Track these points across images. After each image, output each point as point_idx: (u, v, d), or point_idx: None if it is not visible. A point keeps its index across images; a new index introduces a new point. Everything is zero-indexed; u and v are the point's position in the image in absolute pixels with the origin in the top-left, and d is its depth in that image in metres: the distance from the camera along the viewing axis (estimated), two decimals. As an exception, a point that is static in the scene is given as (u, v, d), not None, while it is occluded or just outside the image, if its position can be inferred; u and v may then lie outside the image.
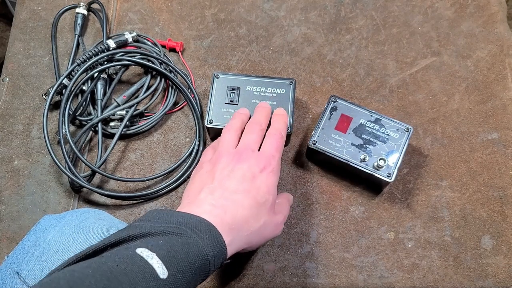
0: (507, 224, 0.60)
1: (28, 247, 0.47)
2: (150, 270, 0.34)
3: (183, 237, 0.39)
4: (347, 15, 0.73)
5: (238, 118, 0.55)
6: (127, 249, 0.36)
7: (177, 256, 0.37)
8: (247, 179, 0.47)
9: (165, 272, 0.35)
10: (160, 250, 0.36)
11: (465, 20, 0.72)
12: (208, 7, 0.74)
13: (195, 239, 0.39)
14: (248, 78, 0.62)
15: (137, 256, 0.35)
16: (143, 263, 0.35)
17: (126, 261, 0.34)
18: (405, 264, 0.58)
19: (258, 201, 0.46)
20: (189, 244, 0.38)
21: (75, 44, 0.70)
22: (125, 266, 0.34)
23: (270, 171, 0.48)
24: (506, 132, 0.64)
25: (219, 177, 0.47)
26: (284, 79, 0.62)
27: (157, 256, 0.35)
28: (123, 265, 0.34)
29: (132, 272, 0.34)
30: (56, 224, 0.49)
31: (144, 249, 0.36)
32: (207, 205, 0.44)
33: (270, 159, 0.49)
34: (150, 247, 0.36)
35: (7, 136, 0.66)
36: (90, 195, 0.63)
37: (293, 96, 0.61)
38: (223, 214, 0.43)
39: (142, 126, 0.65)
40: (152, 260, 0.35)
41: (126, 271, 0.33)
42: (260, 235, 0.47)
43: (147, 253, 0.35)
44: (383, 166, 0.57)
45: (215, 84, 0.62)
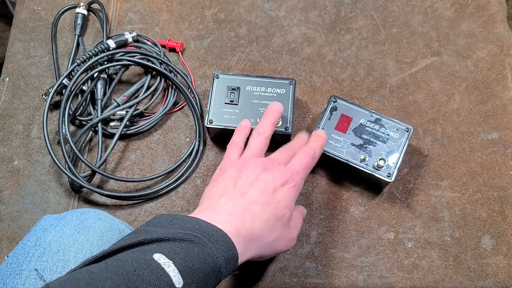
0: (507, 224, 0.60)
1: (29, 247, 0.47)
2: (166, 279, 0.35)
3: (199, 246, 0.39)
4: (347, 15, 0.73)
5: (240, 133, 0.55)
6: (143, 253, 0.36)
7: (193, 266, 0.37)
8: (269, 191, 0.46)
9: (180, 281, 0.35)
10: (177, 258, 0.36)
11: (465, 20, 0.72)
12: (208, 7, 0.74)
13: (211, 249, 0.39)
14: (248, 78, 0.62)
15: (154, 263, 0.35)
16: (160, 271, 0.35)
17: (143, 266, 0.35)
18: (405, 264, 0.58)
19: (276, 215, 0.46)
20: (205, 254, 0.38)
21: (75, 44, 0.70)
22: (142, 272, 0.34)
23: (292, 186, 0.48)
24: (506, 132, 0.64)
25: (242, 185, 0.47)
26: (284, 79, 0.62)
27: (174, 264, 0.36)
28: (140, 270, 0.34)
29: (149, 279, 0.34)
30: (57, 224, 0.49)
31: (161, 255, 0.36)
32: (227, 213, 0.44)
33: (295, 175, 0.49)
34: (167, 253, 0.36)
35: (7, 136, 0.66)
36: (90, 195, 0.63)
37: (293, 96, 0.61)
38: (240, 225, 0.43)
39: (142, 126, 0.65)
40: (169, 268, 0.35)
41: (143, 277, 0.34)
42: (272, 248, 0.47)
43: (164, 260, 0.36)
44: (383, 166, 0.57)
45: (215, 84, 0.62)
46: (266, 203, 0.46)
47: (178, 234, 0.39)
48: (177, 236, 0.39)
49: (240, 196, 0.46)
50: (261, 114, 0.60)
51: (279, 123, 0.59)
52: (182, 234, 0.39)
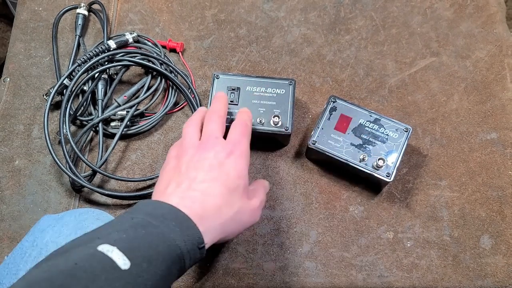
0: (506, 224, 0.60)
1: (26, 247, 0.47)
2: (110, 262, 0.34)
3: (147, 227, 0.38)
4: (347, 15, 0.73)
5: (198, 113, 0.53)
6: (89, 248, 0.36)
7: (139, 246, 0.36)
8: (214, 167, 0.45)
9: (126, 262, 0.34)
10: (122, 243, 0.36)
11: (464, 21, 0.72)
12: (208, 7, 0.75)
13: (160, 227, 0.38)
14: (248, 78, 0.63)
15: (98, 253, 0.35)
16: (103, 257, 0.34)
17: (86, 258, 0.34)
18: (404, 264, 0.58)
19: (229, 187, 0.45)
20: (152, 234, 0.38)
21: (75, 45, 0.70)
22: (83, 263, 0.33)
23: (238, 155, 0.46)
24: (505, 132, 0.64)
25: (185, 170, 0.45)
26: (284, 79, 0.62)
27: (118, 249, 0.35)
28: (82, 262, 0.34)
29: (91, 267, 0.33)
30: (55, 225, 0.49)
31: (105, 245, 0.35)
32: (175, 197, 0.43)
33: (236, 144, 0.47)
34: (112, 242, 0.36)
35: (8, 136, 0.67)
36: (90, 195, 0.63)
37: (292, 96, 0.61)
38: (192, 204, 0.42)
39: (143, 126, 0.66)
40: (112, 253, 0.34)
41: (85, 268, 0.33)
42: (236, 222, 0.46)
43: (107, 247, 0.35)
44: (382, 166, 0.57)
45: (215, 85, 0.62)
46: (214, 178, 0.44)
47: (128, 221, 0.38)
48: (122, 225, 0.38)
49: (186, 180, 0.45)
50: (261, 114, 0.60)
51: (279, 123, 0.59)
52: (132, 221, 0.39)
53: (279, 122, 0.60)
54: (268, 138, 0.62)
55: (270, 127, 0.60)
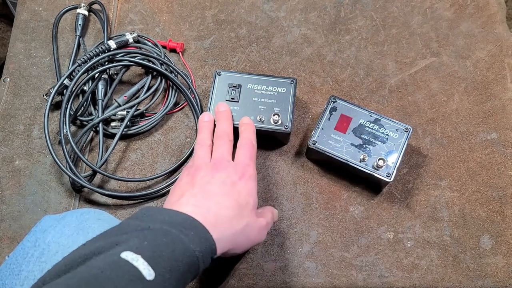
0: (506, 224, 0.60)
1: (28, 248, 0.47)
2: (136, 273, 0.34)
3: (167, 236, 0.38)
4: (347, 15, 0.73)
5: (206, 129, 0.56)
6: (112, 255, 0.36)
7: (162, 256, 0.37)
8: (227, 184, 0.48)
9: (151, 273, 0.35)
10: (145, 252, 0.36)
11: (465, 21, 0.72)
12: (208, 7, 0.75)
13: (180, 237, 0.39)
14: (249, 76, 0.63)
15: (122, 261, 0.35)
16: (129, 267, 0.34)
17: (111, 266, 0.34)
18: (404, 264, 0.58)
19: (240, 203, 0.47)
20: (175, 243, 0.38)
21: (76, 45, 0.70)
22: (110, 272, 0.34)
23: (248, 177, 0.50)
24: (505, 132, 0.64)
25: (200, 184, 0.48)
26: (285, 78, 0.63)
27: (142, 257, 0.35)
28: (108, 271, 0.34)
29: (117, 276, 0.33)
30: (56, 225, 0.49)
31: (129, 252, 0.35)
32: (190, 206, 0.45)
33: (246, 168, 0.51)
34: (135, 249, 0.36)
35: (8, 136, 0.67)
36: (91, 195, 0.63)
37: (293, 95, 0.61)
38: (207, 213, 0.44)
39: (143, 126, 0.65)
40: (137, 263, 0.35)
41: (111, 277, 0.33)
42: (244, 236, 0.48)
43: (132, 256, 0.35)
44: (383, 166, 0.57)
45: (216, 81, 0.63)
46: (226, 193, 0.47)
47: (146, 228, 0.39)
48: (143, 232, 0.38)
49: (200, 192, 0.47)
50: (261, 112, 0.61)
51: (279, 121, 0.60)
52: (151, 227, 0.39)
53: (279, 121, 0.60)
54: (268, 136, 0.62)
55: (270, 125, 0.60)
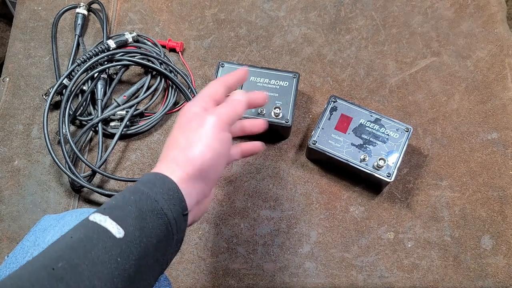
0: (507, 224, 0.60)
1: (28, 247, 0.47)
2: (104, 232, 0.34)
3: (135, 194, 0.38)
4: (347, 15, 0.73)
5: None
6: (81, 221, 0.36)
7: (130, 214, 0.36)
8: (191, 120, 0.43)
9: (120, 231, 0.34)
10: (113, 212, 0.36)
11: (465, 20, 0.72)
12: (208, 7, 0.74)
13: (148, 194, 0.38)
14: (252, 69, 0.63)
15: (90, 223, 0.35)
16: (97, 227, 0.34)
17: (80, 230, 0.34)
18: (405, 264, 0.58)
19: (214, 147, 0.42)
20: (142, 200, 0.38)
21: (75, 44, 0.70)
22: (79, 235, 0.34)
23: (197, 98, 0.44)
24: (506, 132, 0.64)
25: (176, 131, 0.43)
26: (288, 72, 0.63)
27: (110, 218, 0.35)
28: (77, 234, 0.34)
29: (86, 237, 0.33)
30: (56, 224, 0.49)
31: (96, 214, 0.35)
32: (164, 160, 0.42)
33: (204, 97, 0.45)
34: (102, 211, 0.36)
35: (7, 136, 0.66)
36: (90, 195, 0.63)
37: (295, 89, 0.62)
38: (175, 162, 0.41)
39: (142, 126, 0.65)
40: (105, 223, 0.35)
41: (80, 238, 0.33)
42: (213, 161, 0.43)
43: (100, 217, 0.35)
44: (383, 166, 0.57)
45: (219, 73, 0.63)
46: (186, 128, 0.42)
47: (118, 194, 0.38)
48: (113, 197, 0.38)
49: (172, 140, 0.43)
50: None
51: (279, 114, 0.60)
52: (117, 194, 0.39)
53: (280, 114, 0.60)
54: (268, 129, 0.62)
55: (270, 118, 0.60)
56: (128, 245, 0.34)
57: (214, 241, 0.60)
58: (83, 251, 0.32)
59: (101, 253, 0.33)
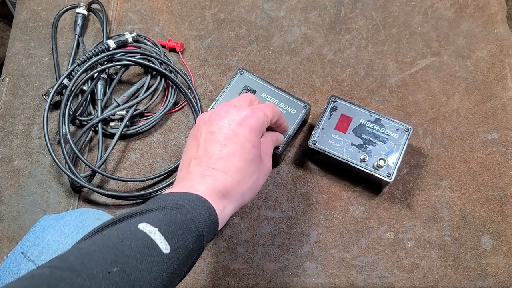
0: (507, 224, 0.60)
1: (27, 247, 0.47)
2: (153, 246, 0.35)
3: (181, 212, 0.38)
4: (347, 15, 0.73)
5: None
6: (128, 225, 0.36)
7: (177, 231, 0.37)
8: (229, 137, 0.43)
9: (167, 247, 0.35)
10: (162, 225, 0.36)
11: (465, 20, 0.72)
12: (208, 7, 0.74)
13: (193, 214, 0.39)
14: (267, 85, 0.61)
15: (140, 232, 0.35)
16: (147, 239, 0.35)
17: (130, 236, 0.35)
18: (405, 264, 0.58)
19: (246, 159, 0.43)
20: (188, 220, 0.38)
21: (75, 44, 0.70)
22: (130, 242, 0.34)
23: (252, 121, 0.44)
24: (506, 132, 0.64)
25: (203, 142, 0.44)
26: (301, 101, 0.61)
27: (159, 231, 0.36)
28: (127, 240, 0.34)
29: (137, 247, 0.34)
30: (55, 224, 0.49)
31: (146, 224, 0.36)
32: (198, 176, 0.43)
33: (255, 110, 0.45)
34: (151, 222, 0.36)
35: (7, 136, 0.66)
36: (90, 195, 0.63)
37: (300, 119, 0.60)
38: (214, 182, 0.42)
39: (142, 126, 0.65)
40: (155, 236, 0.35)
41: (131, 246, 0.34)
42: (253, 189, 0.45)
43: (149, 228, 0.35)
44: (383, 166, 0.57)
45: (235, 79, 0.62)
46: (230, 153, 0.43)
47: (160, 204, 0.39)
48: (159, 206, 0.39)
49: (204, 156, 0.44)
50: None
51: None
52: (164, 204, 0.39)
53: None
54: None
55: None
56: (172, 262, 0.35)
57: (214, 241, 0.60)
58: (135, 261, 0.33)
59: (150, 266, 0.33)
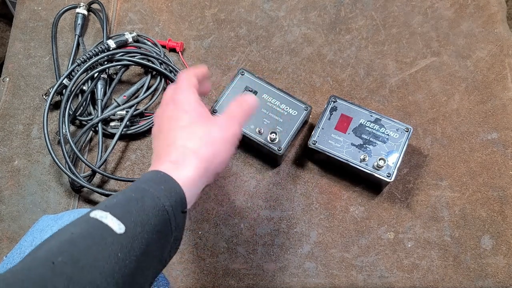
0: (507, 224, 0.60)
1: (25, 247, 0.47)
2: (105, 228, 0.34)
3: (137, 192, 0.38)
4: (347, 15, 0.73)
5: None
6: (82, 217, 0.36)
7: (131, 210, 0.37)
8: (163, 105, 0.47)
9: (121, 227, 0.35)
10: (115, 208, 0.36)
11: (465, 20, 0.72)
12: (208, 7, 0.74)
13: (150, 191, 0.39)
14: (269, 86, 0.62)
15: (91, 220, 0.35)
16: (97, 223, 0.35)
17: (81, 226, 0.35)
18: (405, 264, 0.58)
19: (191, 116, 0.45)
20: (143, 197, 0.38)
21: (75, 44, 0.70)
22: (80, 231, 0.34)
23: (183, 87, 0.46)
24: (506, 132, 0.64)
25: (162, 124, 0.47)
26: (302, 102, 0.61)
27: (111, 214, 0.36)
28: (78, 230, 0.34)
29: (88, 234, 0.34)
30: (53, 225, 0.49)
31: (97, 211, 0.36)
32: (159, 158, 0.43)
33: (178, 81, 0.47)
34: (103, 207, 0.36)
35: (7, 136, 0.66)
36: (90, 195, 0.63)
37: (301, 121, 0.60)
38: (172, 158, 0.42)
39: (142, 126, 0.65)
40: (106, 219, 0.35)
41: (82, 235, 0.34)
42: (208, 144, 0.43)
43: (101, 213, 0.35)
44: (383, 166, 0.57)
45: (236, 80, 0.62)
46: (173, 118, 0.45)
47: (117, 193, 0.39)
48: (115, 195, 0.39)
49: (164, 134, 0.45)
50: (264, 125, 0.60)
51: (276, 140, 0.59)
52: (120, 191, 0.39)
53: (276, 139, 0.59)
54: (259, 150, 0.61)
55: (264, 140, 0.59)
56: (129, 240, 0.35)
57: (214, 241, 0.60)
58: (84, 246, 0.33)
59: (101, 248, 0.33)
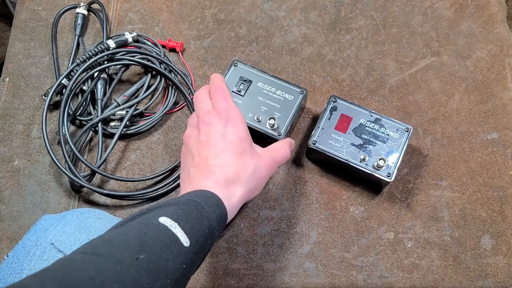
0: (507, 224, 0.60)
1: (29, 246, 0.47)
2: (175, 239, 0.37)
3: (197, 208, 0.41)
4: (347, 15, 0.73)
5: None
6: (149, 218, 0.38)
7: (194, 227, 0.39)
8: (218, 139, 0.47)
9: (187, 241, 0.37)
10: (181, 221, 0.38)
11: (465, 20, 0.72)
12: (208, 7, 0.74)
13: (207, 211, 0.41)
14: (263, 75, 0.63)
15: (161, 225, 0.37)
16: (168, 232, 0.37)
17: (152, 229, 0.36)
18: (405, 264, 0.58)
19: (236, 151, 0.47)
20: (203, 217, 0.40)
21: (75, 44, 0.70)
22: (153, 233, 0.36)
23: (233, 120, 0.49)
24: (506, 132, 0.64)
25: (196, 151, 0.48)
26: (297, 86, 0.62)
27: (179, 226, 0.38)
28: (150, 232, 0.36)
29: (160, 239, 0.36)
30: (57, 224, 0.49)
31: (166, 218, 0.38)
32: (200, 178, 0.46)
33: (227, 111, 0.49)
34: (171, 216, 0.38)
35: (7, 136, 0.66)
36: (90, 195, 0.63)
37: (298, 105, 0.60)
38: (215, 176, 0.45)
39: (142, 126, 0.65)
40: (175, 230, 0.37)
41: (154, 237, 0.36)
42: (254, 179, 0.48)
43: (170, 222, 0.37)
44: (383, 166, 0.57)
45: (230, 71, 0.63)
46: (223, 150, 0.47)
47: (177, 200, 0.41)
48: (176, 202, 0.41)
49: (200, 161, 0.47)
50: (261, 112, 0.60)
51: (275, 125, 0.59)
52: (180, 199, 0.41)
53: (274, 125, 0.59)
54: (259, 137, 0.61)
55: (264, 127, 0.60)
56: (190, 255, 0.38)
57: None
58: (159, 250, 0.35)
59: (172, 257, 0.36)
